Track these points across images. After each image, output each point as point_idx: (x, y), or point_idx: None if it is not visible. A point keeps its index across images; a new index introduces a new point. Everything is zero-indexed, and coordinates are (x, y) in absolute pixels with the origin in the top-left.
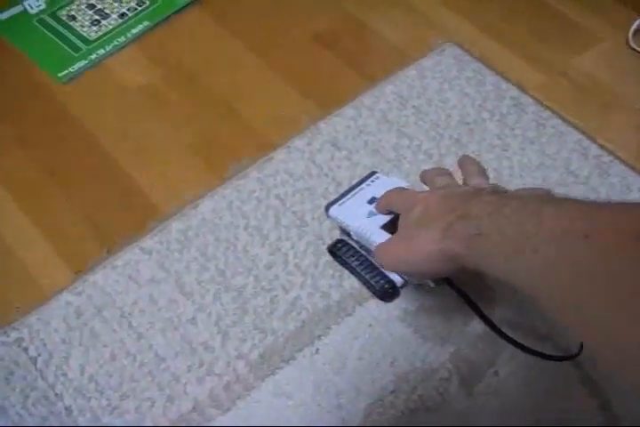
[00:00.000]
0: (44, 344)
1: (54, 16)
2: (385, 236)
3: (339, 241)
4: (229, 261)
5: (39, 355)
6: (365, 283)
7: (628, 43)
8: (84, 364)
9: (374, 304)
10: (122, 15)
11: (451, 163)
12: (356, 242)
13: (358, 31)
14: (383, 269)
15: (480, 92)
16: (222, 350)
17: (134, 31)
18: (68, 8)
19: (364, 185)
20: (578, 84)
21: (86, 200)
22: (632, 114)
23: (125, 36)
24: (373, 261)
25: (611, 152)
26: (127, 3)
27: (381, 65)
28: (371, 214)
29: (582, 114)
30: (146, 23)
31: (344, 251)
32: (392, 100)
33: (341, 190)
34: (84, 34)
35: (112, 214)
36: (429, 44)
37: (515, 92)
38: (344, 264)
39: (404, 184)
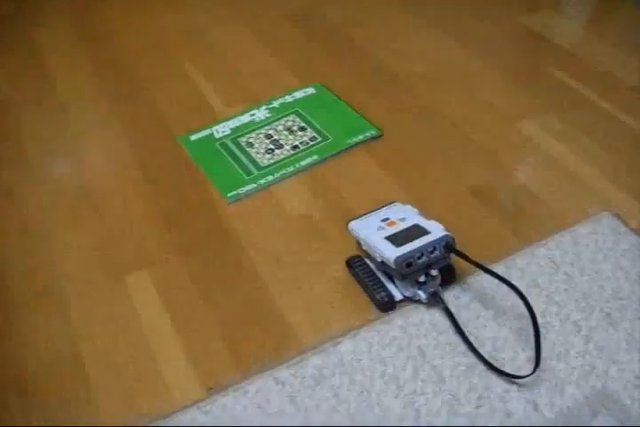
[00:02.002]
0: None
1: (235, 141)
2: (387, 245)
3: (355, 256)
4: (361, 407)
5: None
6: (369, 294)
7: None
8: None
9: None
10: (294, 147)
11: (600, 338)
12: (366, 253)
13: (515, 189)
14: (388, 285)
15: (636, 266)
16: None
17: (303, 163)
18: (248, 135)
19: (383, 209)
20: None
21: (229, 317)
22: None
23: (294, 166)
24: (380, 276)
25: None
26: (301, 137)
27: (536, 226)
28: (380, 229)
29: None
30: (315, 157)
31: (358, 265)
32: (544, 264)
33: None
34: (258, 160)
35: (251, 336)
36: (586, 211)
37: None
38: (356, 276)
39: (415, 211)
